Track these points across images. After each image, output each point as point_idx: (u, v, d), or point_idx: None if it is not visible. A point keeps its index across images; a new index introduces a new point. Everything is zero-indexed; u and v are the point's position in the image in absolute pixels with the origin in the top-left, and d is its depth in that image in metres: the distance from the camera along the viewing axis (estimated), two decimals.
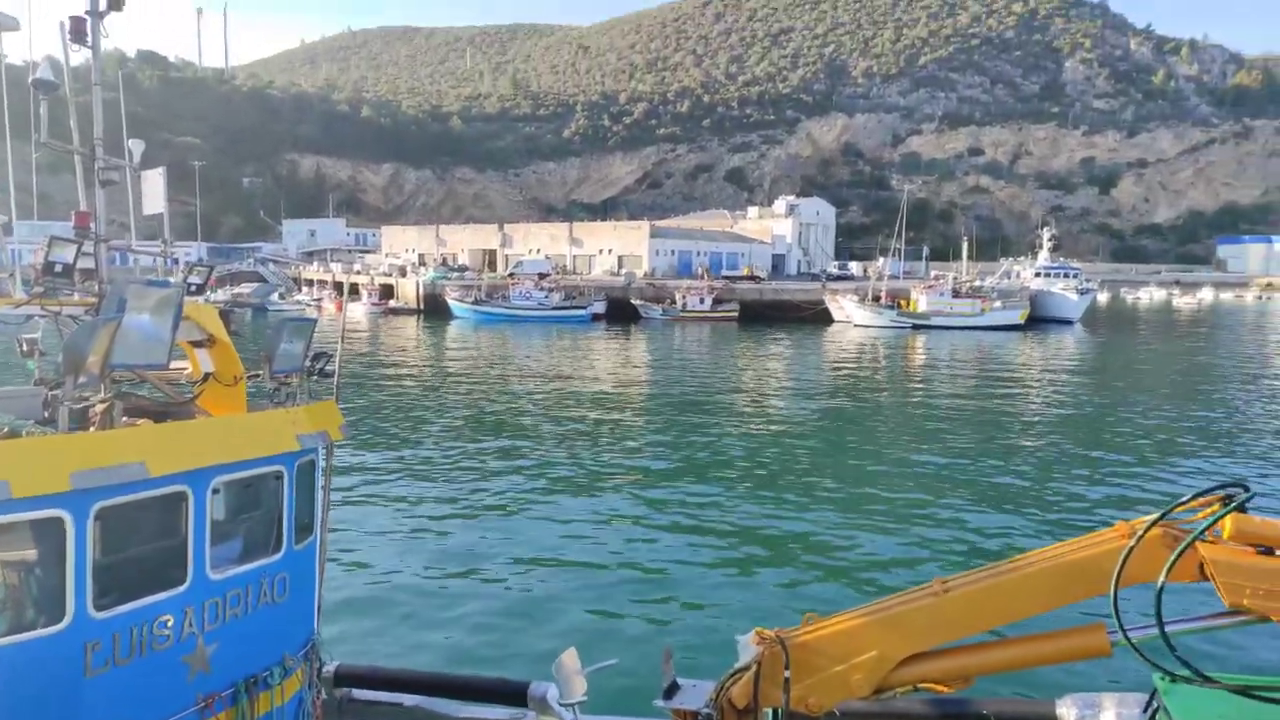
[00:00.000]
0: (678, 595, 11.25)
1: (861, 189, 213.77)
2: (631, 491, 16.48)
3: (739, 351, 45.10)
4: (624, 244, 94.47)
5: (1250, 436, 22.93)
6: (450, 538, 13.55)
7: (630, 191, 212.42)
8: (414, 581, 11.69)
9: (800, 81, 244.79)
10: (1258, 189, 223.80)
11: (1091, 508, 15.73)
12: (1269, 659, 8.21)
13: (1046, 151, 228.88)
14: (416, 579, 11.79)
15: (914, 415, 25.94)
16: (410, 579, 11.79)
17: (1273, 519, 2.92)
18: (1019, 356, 44.36)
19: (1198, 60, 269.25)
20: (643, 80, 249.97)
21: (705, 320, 65.77)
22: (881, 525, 14.34)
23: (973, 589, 3.43)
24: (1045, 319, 66.54)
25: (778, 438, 21.88)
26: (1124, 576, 3.04)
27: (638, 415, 25.05)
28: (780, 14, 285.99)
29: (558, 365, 37.29)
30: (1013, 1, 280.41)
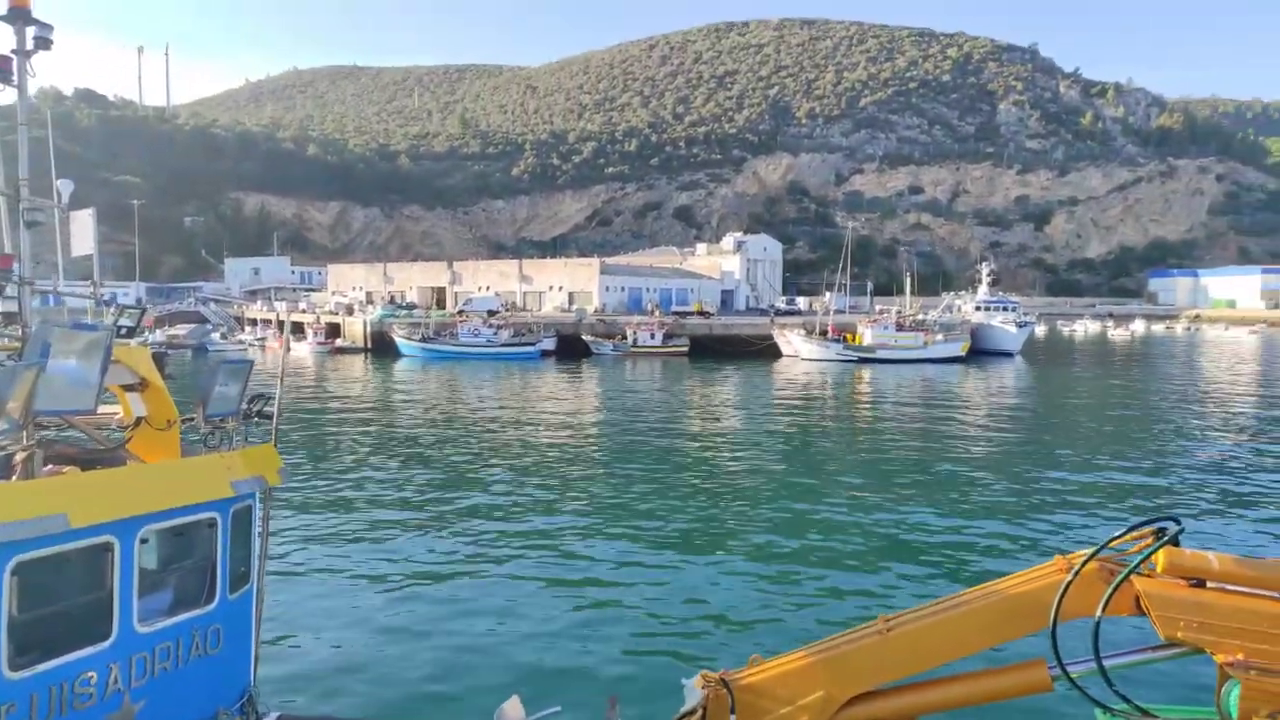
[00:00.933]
0: (624, 637, 11.13)
1: (807, 226, 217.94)
2: (581, 528, 16.33)
3: (690, 386, 45.30)
4: (574, 281, 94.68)
5: (1184, 466, 23.66)
6: (394, 581, 13.26)
7: (580, 229, 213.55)
8: (357, 626, 11.39)
9: (746, 122, 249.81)
10: (1183, 225, 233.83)
11: (1035, 540, 16.02)
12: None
13: (983, 190, 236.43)
14: (360, 624, 11.49)
15: (861, 448, 26.25)
16: (353, 624, 11.48)
17: (1203, 552, 2.96)
18: (962, 388, 45.30)
19: (1123, 102, 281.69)
20: (591, 120, 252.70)
21: (656, 355, 66.00)
22: (828, 561, 14.41)
23: (916, 627, 3.43)
24: (986, 351, 68.17)
25: (728, 473, 21.94)
26: (1063, 611, 3.05)
27: (589, 450, 24.93)
28: (724, 57, 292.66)
29: (507, 402, 37.02)
30: (948, 46, 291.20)
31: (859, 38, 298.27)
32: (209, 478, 4.83)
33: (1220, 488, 20.49)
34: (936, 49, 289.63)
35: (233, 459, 5.08)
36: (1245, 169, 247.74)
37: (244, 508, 5.22)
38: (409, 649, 10.65)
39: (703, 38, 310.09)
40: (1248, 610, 2.83)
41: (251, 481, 5.15)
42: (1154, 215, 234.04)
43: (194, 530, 4.85)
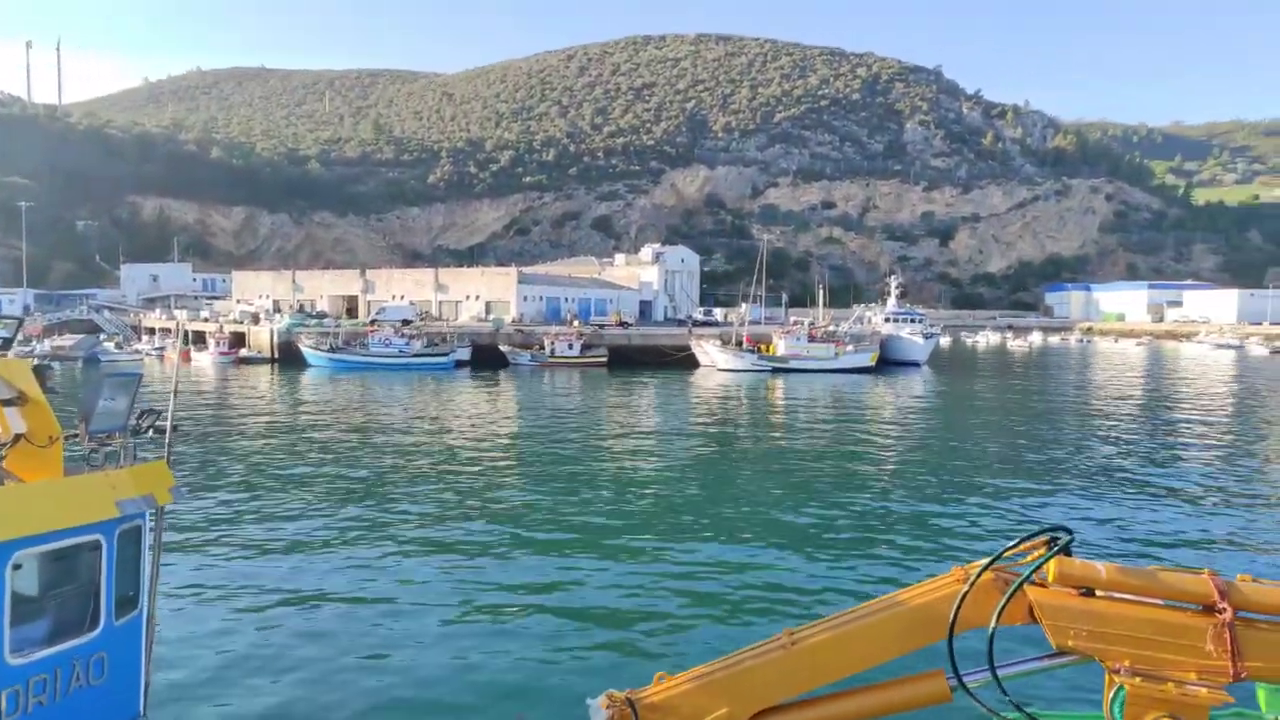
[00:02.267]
0: (531, 654, 10.97)
1: (724, 238, 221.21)
2: (491, 541, 16.10)
3: (608, 397, 45.30)
4: (492, 290, 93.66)
5: (1077, 474, 24.80)
6: (297, 603, 12.79)
7: (498, 238, 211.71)
8: (256, 651, 10.92)
9: (664, 134, 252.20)
10: (1076, 241, 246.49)
11: (938, 549, 16.51)
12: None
13: (892, 205, 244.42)
14: (259, 648, 11.02)
15: (773, 459, 26.68)
16: (252, 648, 11.00)
17: (1091, 561, 3.02)
18: (871, 398, 46.59)
19: (1021, 124, 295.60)
20: (509, 128, 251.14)
21: (574, 366, 65.81)
22: (736, 574, 14.53)
23: (820, 640, 3.46)
24: (894, 361, 70.29)
25: (641, 485, 21.99)
26: (960, 621, 3.09)
27: (502, 462, 24.64)
28: (642, 69, 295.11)
29: (418, 414, 36.30)
30: (857, 66, 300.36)
31: (773, 55, 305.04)
32: (92, 498, 4.56)
33: (1110, 495, 21.56)
34: (847, 68, 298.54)
35: (119, 477, 4.81)
36: (1133, 190, 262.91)
37: (131, 528, 4.95)
38: (310, 672, 10.26)
39: (621, 50, 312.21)
40: (1133, 618, 2.91)
41: (140, 501, 4.89)
42: (1050, 232, 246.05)
43: (75, 554, 4.57)
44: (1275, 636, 2.81)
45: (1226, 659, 2.79)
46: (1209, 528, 18.02)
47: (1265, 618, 2.87)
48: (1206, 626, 2.83)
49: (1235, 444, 30.71)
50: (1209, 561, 14.97)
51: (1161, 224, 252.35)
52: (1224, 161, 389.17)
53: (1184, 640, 2.84)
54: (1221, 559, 15.70)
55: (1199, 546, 16.52)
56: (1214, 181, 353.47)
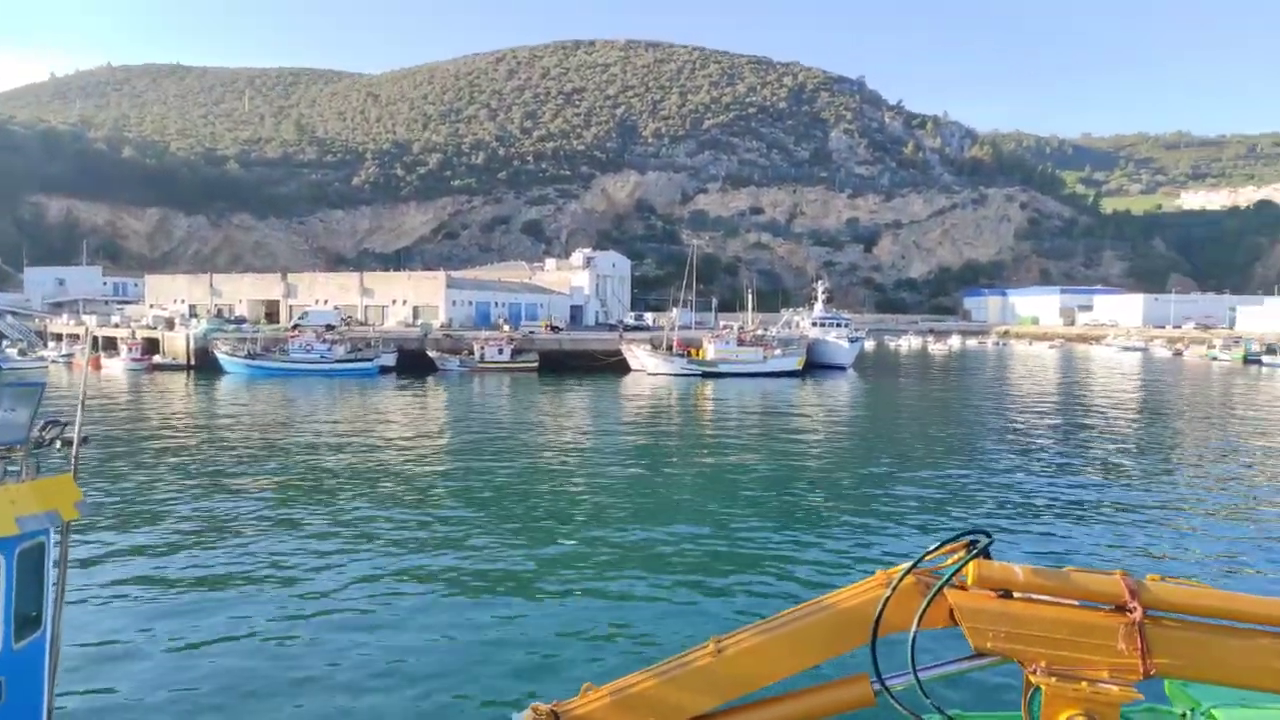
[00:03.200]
0: (455, 667, 10.80)
1: (655, 243, 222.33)
2: (412, 550, 15.81)
3: (539, 401, 45.02)
4: (419, 295, 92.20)
5: (997, 475, 25.61)
6: (211, 620, 12.34)
7: (425, 242, 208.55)
8: (166, 671, 10.45)
9: (594, 139, 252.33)
10: (992, 248, 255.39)
11: (864, 553, 16.84)
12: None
13: (818, 212, 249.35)
14: (168, 667, 10.56)
15: (702, 463, 26.87)
16: (162, 667, 10.53)
17: (1009, 564, 3.06)
18: (798, 401, 47.35)
19: (940, 134, 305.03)
20: (437, 131, 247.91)
21: (505, 371, 65.21)
22: (665, 580, 14.55)
23: (747, 646, 3.47)
24: (821, 365, 71.63)
25: (570, 491, 21.89)
26: (883, 625, 3.11)
27: (425, 469, 24.23)
28: (572, 74, 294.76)
29: (342, 421, 35.46)
30: (784, 75, 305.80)
31: (701, 62, 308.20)
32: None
33: (1027, 496, 22.34)
34: (774, 77, 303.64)
35: (19, 492, 4.56)
36: (1045, 198, 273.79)
37: (33, 546, 4.69)
38: (223, 693, 9.91)
39: (550, 54, 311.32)
40: (1049, 619, 2.97)
41: (42, 517, 4.63)
42: (968, 239, 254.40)
43: None
44: (1182, 634, 2.89)
45: (1137, 657, 2.86)
46: (1120, 528, 18.81)
47: (1173, 616, 2.95)
48: (1118, 626, 2.91)
49: (1142, 443, 32.17)
50: (1120, 562, 15.66)
51: (1072, 231, 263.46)
52: (1129, 172, 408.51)
53: (1097, 640, 2.91)
54: (1132, 559, 16.41)
55: (1111, 547, 17.24)
56: (1120, 191, 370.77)
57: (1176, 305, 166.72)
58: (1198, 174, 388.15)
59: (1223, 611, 2.96)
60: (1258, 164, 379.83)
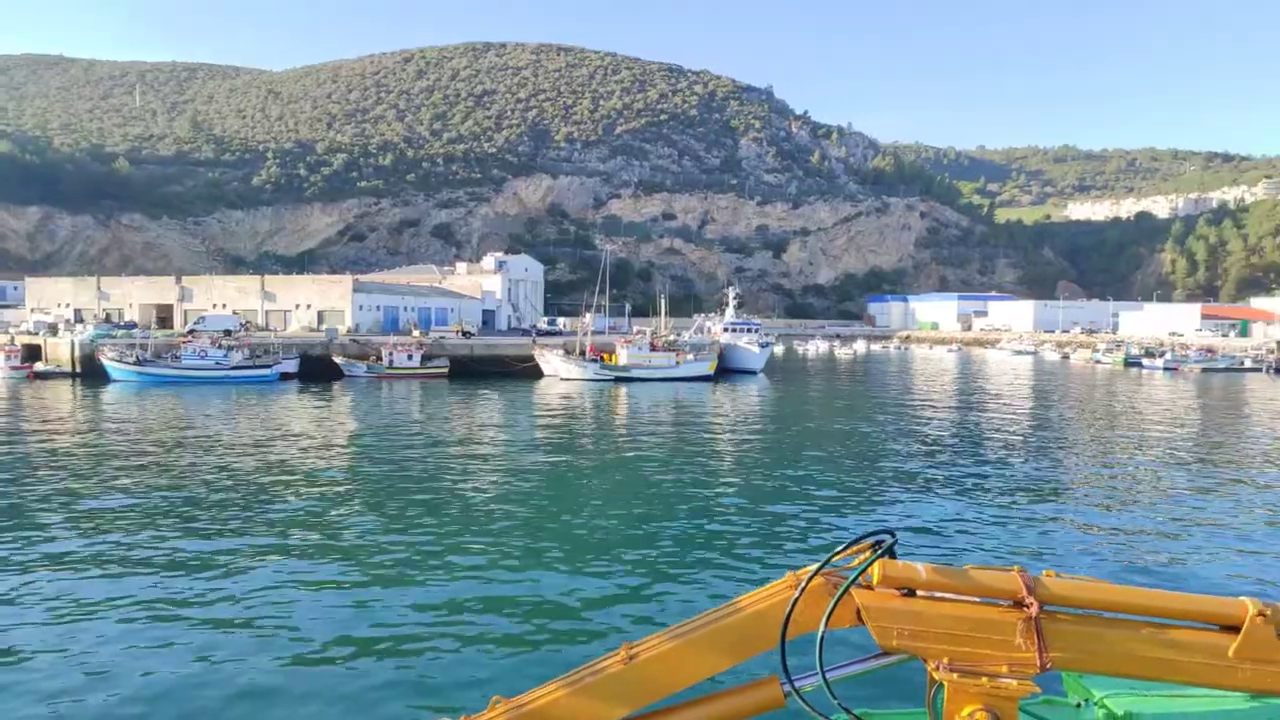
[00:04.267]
0: (360, 684, 10.44)
1: (568, 248, 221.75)
2: (319, 561, 15.23)
3: (450, 408, 44.19)
4: (325, 299, 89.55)
5: (901, 475, 26.36)
6: (82, 641, 11.58)
7: (331, 244, 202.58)
8: (44, 688, 9.78)
9: (506, 142, 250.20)
10: (895, 255, 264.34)
11: (777, 555, 17.05)
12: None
13: (729, 219, 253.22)
14: (45, 687, 9.88)
15: (615, 467, 26.82)
16: (37, 687, 9.85)
17: (912, 562, 3.10)
18: (710, 405, 47.85)
19: (845, 144, 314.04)
20: (342, 131, 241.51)
21: (414, 377, 63.84)
22: (574, 589, 14.44)
23: (659, 651, 3.41)
24: (733, 370, 72.64)
25: (477, 500, 21.51)
26: (792, 627, 3.13)
27: (332, 477, 23.43)
28: (483, 76, 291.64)
29: (237, 430, 34.01)
30: (694, 83, 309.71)
31: (613, 68, 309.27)
32: None
33: (930, 494, 23.03)
34: (684, 84, 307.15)
35: None
36: (944, 208, 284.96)
37: None
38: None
39: (460, 55, 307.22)
40: (950, 616, 3.02)
41: None
42: (872, 246, 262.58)
43: None
44: (1075, 628, 2.99)
45: (1034, 651, 2.93)
46: (1017, 524, 19.57)
47: (1067, 610, 3.03)
48: (1016, 621, 2.97)
49: (1034, 443, 33.65)
50: (1017, 558, 16.28)
51: (969, 240, 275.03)
52: (1021, 184, 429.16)
53: (995, 635, 2.97)
54: (1029, 555, 17.07)
55: (1009, 543, 17.91)
56: (1013, 202, 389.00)
57: (1064, 311, 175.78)
58: (1083, 186, 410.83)
59: (1113, 605, 3.06)
60: (1137, 177, 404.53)
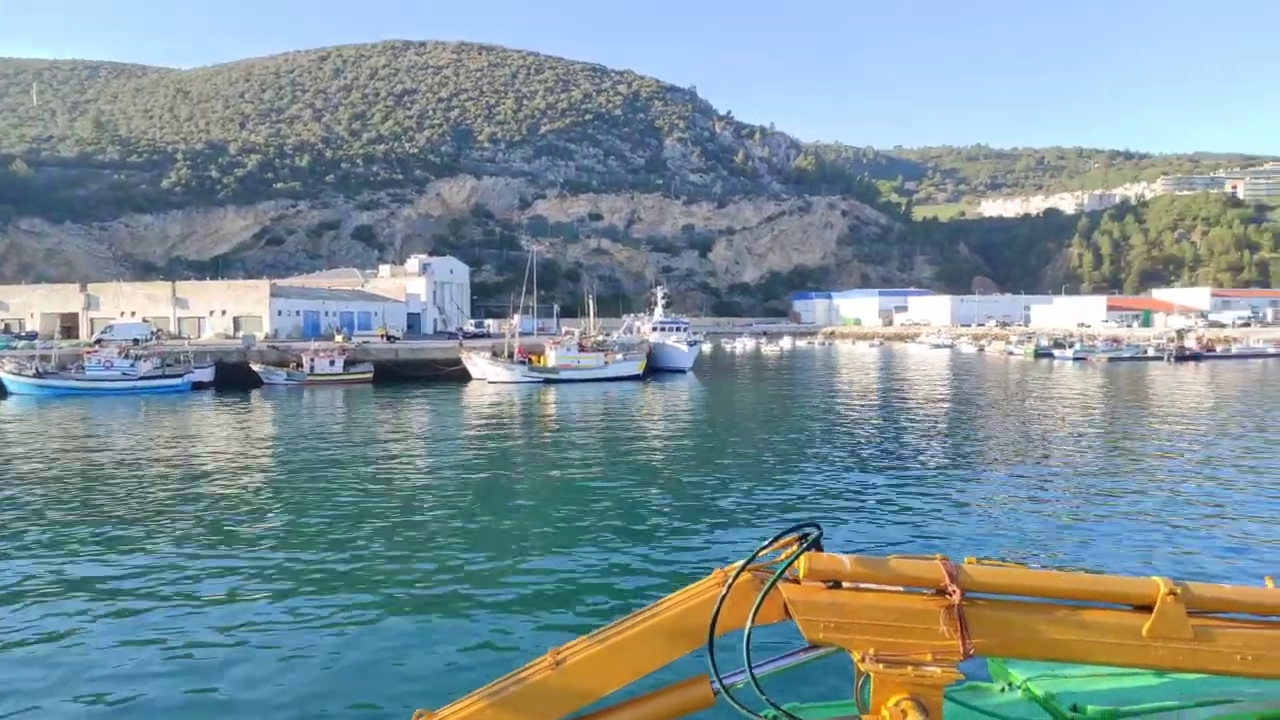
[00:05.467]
0: (278, 698, 10.07)
1: (494, 249, 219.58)
2: (224, 575, 14.65)
3: (374, 414, 43.20)
4: (241, 305, 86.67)
5: (828, 467, 26.78)
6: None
7: (246, 248, 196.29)
8: None
9: (427, 142, 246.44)
10: (818, 253, 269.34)
11: (706, 553, 17.10)
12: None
13: (655, 218, 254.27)
14: None
15: (543, 470, 26.59)
16: None
17: (837, 555, 3.11)
18: (640, 404, 47.91)
19: (768, 144, 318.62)
20: (256, 131, 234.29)
21: (337, 383, 62.26)
22: (502, 594, 14.23)
23: (586, 655, 3.36)
24: (662, 369, 72.94)
25: (406, 503, 21.04)
26: (720, 624, 3.12)
27: (249, 490, 22.62)
28: (403, 75, 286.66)
29: (143, 443, 32.57)
30: (618, 83, 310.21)
31: (536, 68, 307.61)
32: None
33: (857, 487, 23.45)
34: (608, 84, 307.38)
35: None
36: (864, 206, 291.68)
37: None
38: None
39: (378, 54, 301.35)
40: (874, 607, 3.04)
41: None
42: (796, 244, 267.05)
43: None
44: (996, 613, 3.03)
45: (957, 638, 2.95)
46: (940, 513, 20.06)
47: (988, 596, 3.07)
48: (939, 609, 2.99)
49: (952, 433, 34.63)
50: (941, 546, 16.67)
51: (888, 237, 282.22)
52: (936, 182, 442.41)
53: (920, 624, 2.99)
54: (950, 543, 17.50)
55: (932, 532, 18.34)
56: (929, 200, 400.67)
57: (979, 305, 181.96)
58: (995, 184, 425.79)
59: (1033, 589, 3.10)
60: (1045, 175, 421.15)
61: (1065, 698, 3.63)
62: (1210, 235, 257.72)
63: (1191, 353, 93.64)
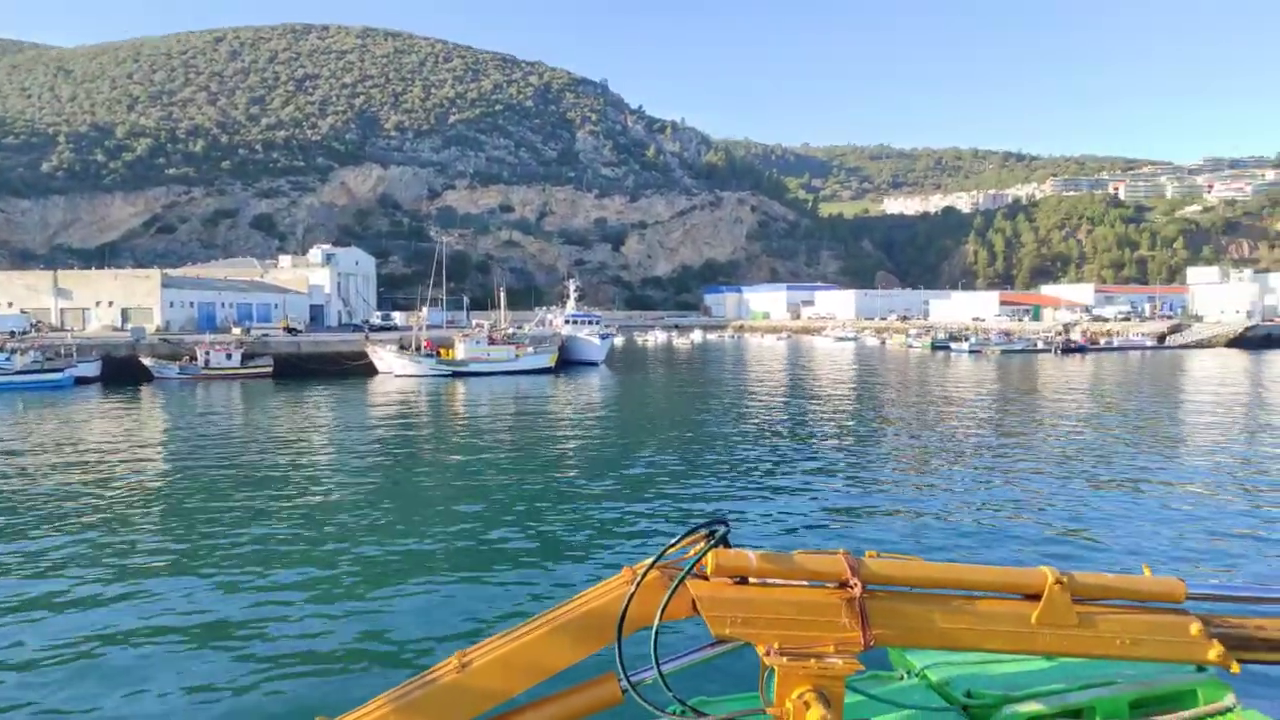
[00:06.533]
0: (169, 709, 9.62)
1: (401, 240, 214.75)
2: (122, 582, 13.90)
3: (273, 410, 41.66)
4: (130, 296, 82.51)
5: (738, 461, 27.15)
6: None
7: (136, 236, 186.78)
8: None
9: (331, 129, 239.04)
10: (728, 248, 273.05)
11: (618, 550, 17.11)
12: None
13: (567, 211, 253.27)
14: None
15: (450, 467, 26.14)
16: None
17: (744, 550, 3.13)
18: (551, 398, 47.66)
19: (679, 139, 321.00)
20: (146, 114, 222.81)
21: (234, 378, 59.83)
22: (406, 597, 13.92)
23: (493, 657, 3.33)
24: (574, 362, 72.74)
25: (311, 501, 20.37)
26: (629, 622, 3.12)
27: (133, 491, 21.49)
28: (304, 59, 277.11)
29: (23, 443, 30.67)
30: (529, 74, 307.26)
31: (445, 56, 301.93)
32: None
33: (765, 481, 23.85)
34: (519, 75, 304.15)
35: None
36: (772, 202, 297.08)
37: None
38: None
39: (278, 36, 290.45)
40: (779, 601, 3.08)
41: None
42: (706, 239, 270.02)
43: None
44: (896, 605, 3.12)
45: (859, 630, 3.02)
46: (844, 506, 20.59)
47: (888, 588, 3.16)
48: (841, 602, 3.06)
49: (855, 426, 35.63)
50: (844, 540, 17.11)
51: (795, 233, 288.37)
52: (841, 180, 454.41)
53: (822, 617, 3.06)
54: (854, 536, 17.96)
55: (836, 526, 18.80)
56: (834, 197, 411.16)
57: (882, 299, 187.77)
58: (897, 182, 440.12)
59: (930, 580, 3.20)
60: (943, 175, 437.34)
61: (960, 684, 3.76)
62: (1094, 234, 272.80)
63: (1077, 345, 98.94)
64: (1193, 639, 3.16)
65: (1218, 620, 3.26)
